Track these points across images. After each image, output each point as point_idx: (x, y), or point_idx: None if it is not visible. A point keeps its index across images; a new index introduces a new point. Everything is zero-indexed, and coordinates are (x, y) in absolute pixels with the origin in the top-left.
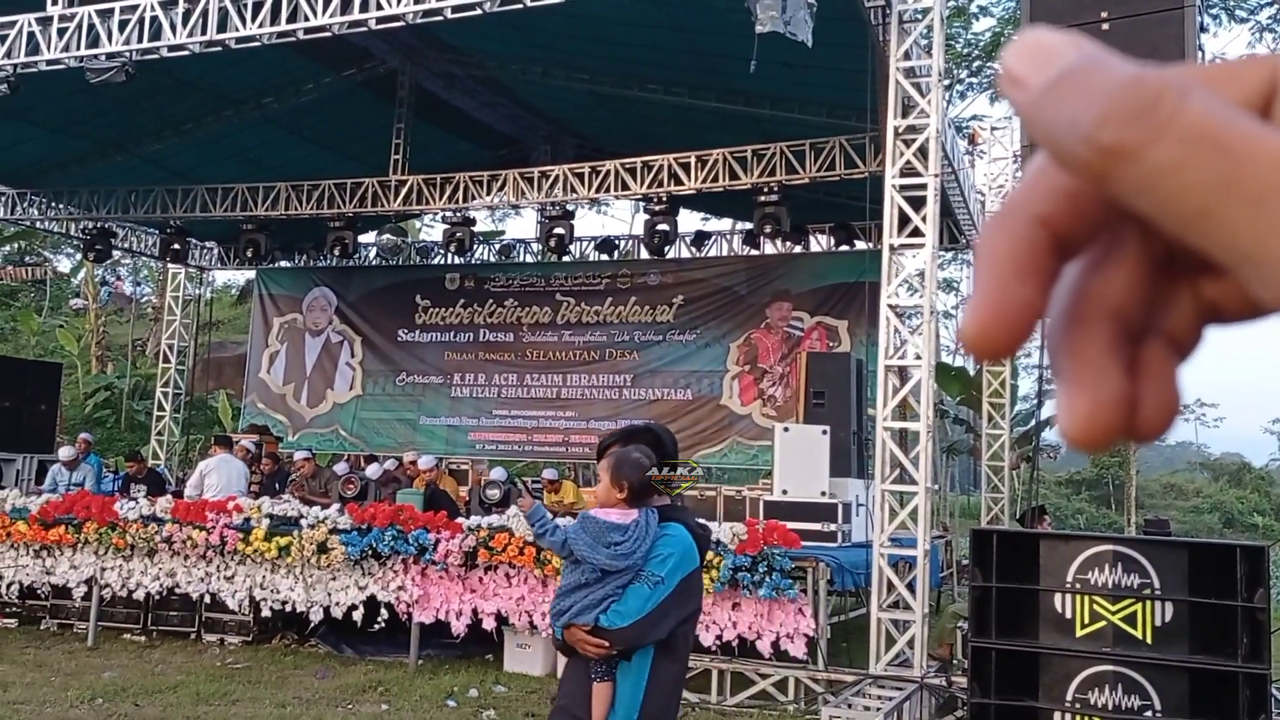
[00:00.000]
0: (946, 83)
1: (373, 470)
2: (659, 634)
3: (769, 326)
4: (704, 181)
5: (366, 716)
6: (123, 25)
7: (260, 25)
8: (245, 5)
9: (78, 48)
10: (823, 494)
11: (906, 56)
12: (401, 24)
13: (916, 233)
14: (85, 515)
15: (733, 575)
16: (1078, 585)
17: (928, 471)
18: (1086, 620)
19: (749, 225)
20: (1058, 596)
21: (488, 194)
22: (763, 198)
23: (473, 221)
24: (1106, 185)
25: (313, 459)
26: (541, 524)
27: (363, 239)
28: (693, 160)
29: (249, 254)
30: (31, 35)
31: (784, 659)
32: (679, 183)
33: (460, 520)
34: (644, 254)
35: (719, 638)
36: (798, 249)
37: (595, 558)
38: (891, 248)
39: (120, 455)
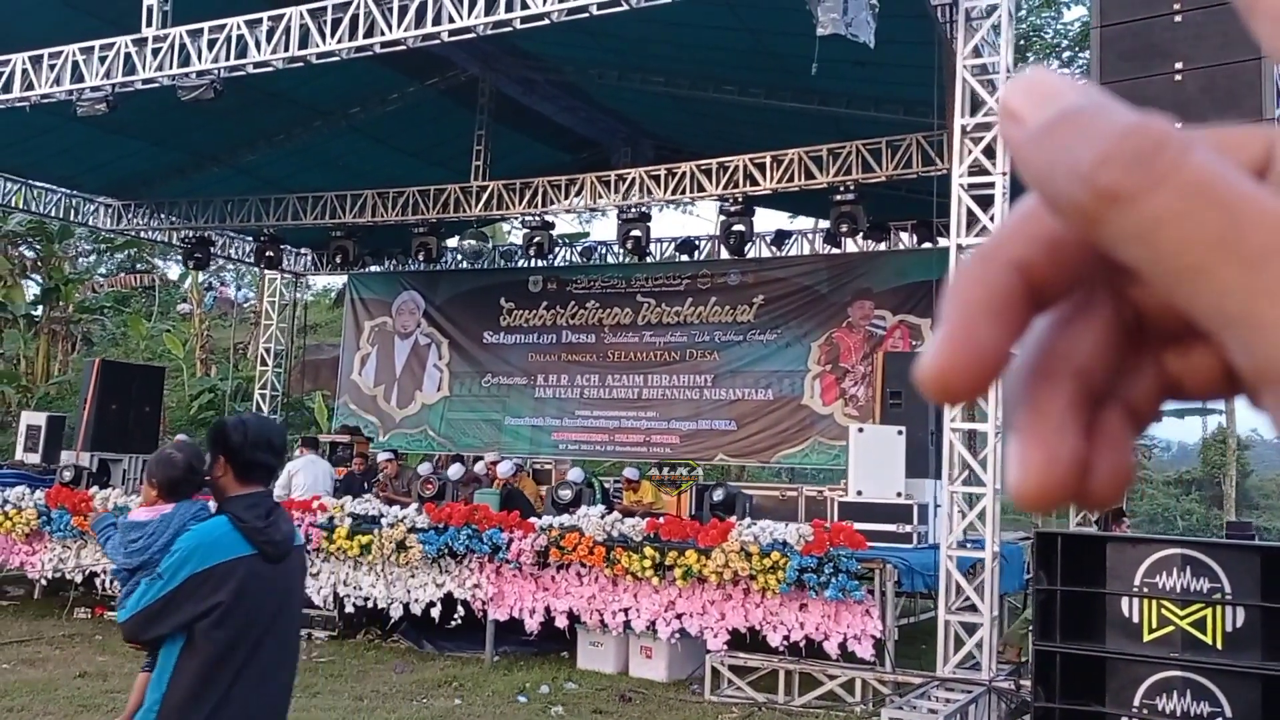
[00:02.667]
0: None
1: (454, 471)
2: (162, 628)
3: (851, 325)
4: (779, 181)
5: (440, 710)
6: (211, 44)
7: (339, 40)
8: (325, 22)
9: (171, 67)
10: (898, 495)
11: (975, 53)
12: (473, 35)
13: (986, 232)
14: None
15: (799, 576)
16: (1145, 589)
17: (997, 473)
18: (1154, 625)
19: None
20: (1124, 600)
21: (566, 198)
22: (839, 196)
23: (552, 225)
24: (1099, 230)
25: (395, 459)
26: (101, 535)
27: (450, 243)
28: (768, 160)
29: (338, 260)
30: (128, 56)
31: (851, 660)
32: (754, 183)
33: (533, 520)
34: (724, 254)
35: (786, 638)
36: (880, 247)
37: (116, 558)
38: (959, 247)
39: None
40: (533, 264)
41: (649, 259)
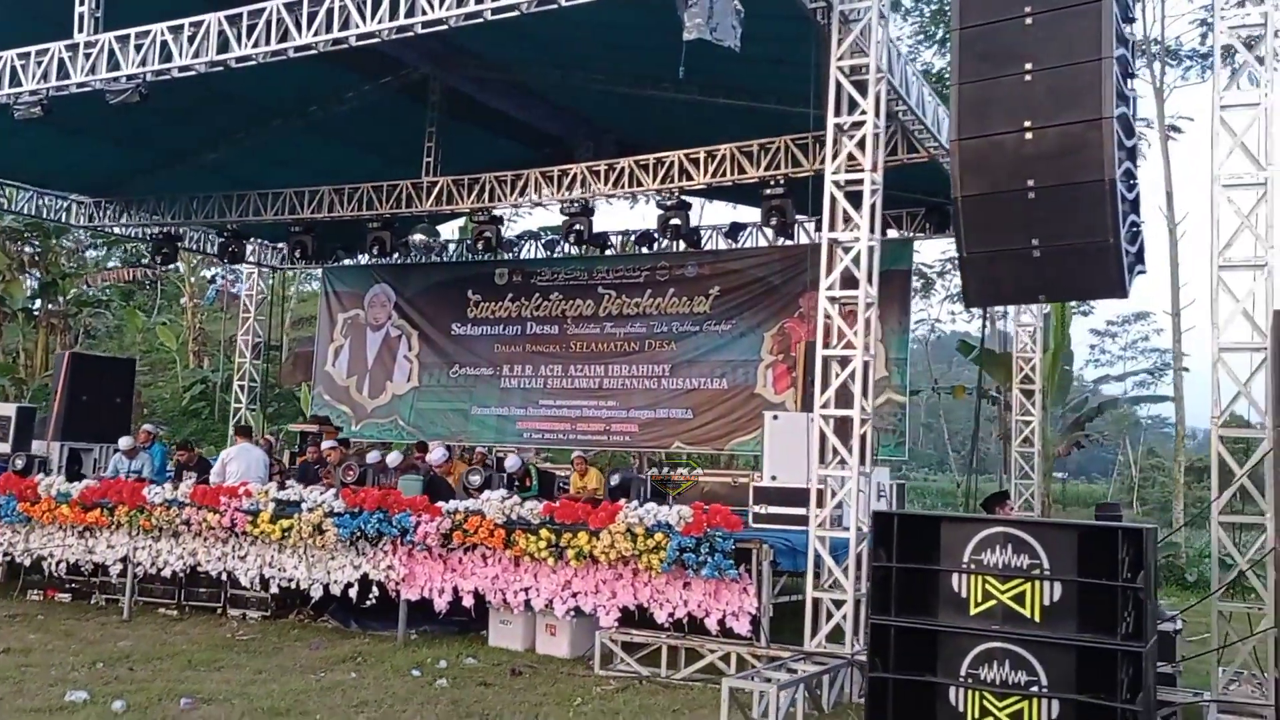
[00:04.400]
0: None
1: (392, 458)
2: None
3: (802, 316)
4: (713, 176)
5: (330, 683)
6: (138, 49)
7: (255, 45)
8: (241, 28)
9: (102, 71)
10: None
11: (850, 53)
12: (378, 40)
13: (858, 227)
14: (117, 499)
15: (679, 556)
16: (972, 566)
17: (864, 456)
18: (979, 599)
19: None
20: (955, 576)
21: (513, 193)
22: (769, 190)
23: (500, 220)
24: None
25: (338, 448)
26: None
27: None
28: (702, 155)
29: (297, 254)
30: (62, 62)
31: (731, 636)
32: (689, 177)
33: (440, 504)
34: (682, 246)
35: (671, 615)
36: None
37: None
38: (831, 241)
39: (210, 445)
40: (499, 257)
41: (610, 251)
